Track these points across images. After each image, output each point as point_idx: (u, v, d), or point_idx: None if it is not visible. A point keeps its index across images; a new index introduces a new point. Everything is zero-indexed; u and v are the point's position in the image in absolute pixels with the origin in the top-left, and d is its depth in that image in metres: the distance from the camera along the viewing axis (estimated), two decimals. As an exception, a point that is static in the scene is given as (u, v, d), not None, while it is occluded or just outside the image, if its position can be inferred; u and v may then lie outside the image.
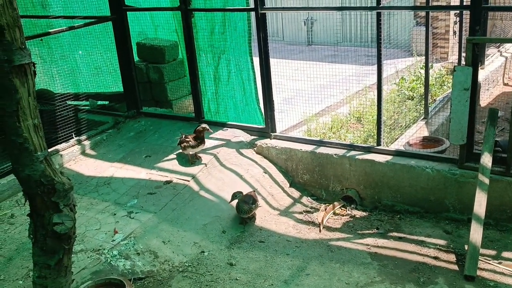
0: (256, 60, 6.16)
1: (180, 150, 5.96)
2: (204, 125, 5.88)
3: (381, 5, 5.30)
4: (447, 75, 10.11)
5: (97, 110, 7.56)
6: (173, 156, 6.10)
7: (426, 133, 6.60)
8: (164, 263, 4.64)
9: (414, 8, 10.51)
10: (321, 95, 8.43)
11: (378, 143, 5.63)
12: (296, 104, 8.16)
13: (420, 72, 9.87)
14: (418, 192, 5.30)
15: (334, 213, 5.52)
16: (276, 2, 13.69)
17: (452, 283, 4.21)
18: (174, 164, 5.95)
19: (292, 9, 11.17)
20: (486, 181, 4.56)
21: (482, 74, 9.02)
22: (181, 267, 4.61)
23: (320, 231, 5.20)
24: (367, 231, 5.16)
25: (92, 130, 6.86)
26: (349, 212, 5.55)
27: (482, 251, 4.47)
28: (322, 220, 5.32)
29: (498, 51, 10.36)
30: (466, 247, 4.68)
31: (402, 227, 5.17)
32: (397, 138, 6.42)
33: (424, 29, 11.65)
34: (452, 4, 11.33)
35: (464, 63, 4.82)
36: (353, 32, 13.70)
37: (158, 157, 6.15)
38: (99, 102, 7.78)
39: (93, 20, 6.97)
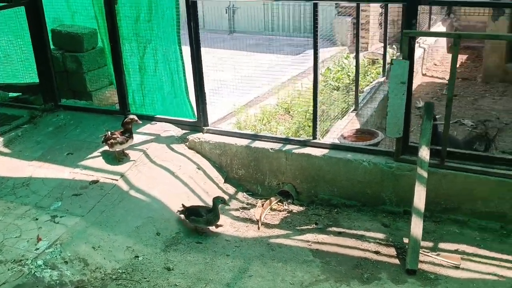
0: (185, 50, 5.86)
1: (106, 148, 5.55)
2: (132, 116, 5.52)
3: (318, -4, 5.16)
4: (369, 65, 10.28)
5: (9, 103, 6.92)
6: (98, 153, 5.68)
7: (357, 125, 6.63)
8: (96, 271, 4.28)
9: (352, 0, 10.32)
10: (248, 85, 8.30)
11: (314, 137, 5.55)
12: (224, 95, 7.96)
13: (344, 62, 9.97)
14: (355, 186, 5.28)
15: (271, 209, 5.40)
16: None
17: (395, 278, 4.21)
18: (100, 162, 5.54)
19: None
20: (425, 174, 4.60)
21: (403, 65, 9.22)
22: (114, 275, 4.28)
23: (258, 228, 5.05)
24: (306, 227, 5.07)
25: (5, 125, 6.25)
26: (286, 207, 5.44)
27: (421, 243, 4.51)
28: (260, 217, 5.17)
29: (417, 42, 10.67)
30: (404, 240, 4.71)
31: (340, 222, 5.13)
32: (328, 130, 6.39)
33: (346, 19, 11.87)
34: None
35: (389, 55, 4.82)
36: (275, 21, 13.63)
37: (81, 154, 5.70)
38: (11, 94, 7.12)
39: (3, 4, 6.31)
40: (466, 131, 7.04)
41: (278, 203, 5.47)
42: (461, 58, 12.16)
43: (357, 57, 7.03)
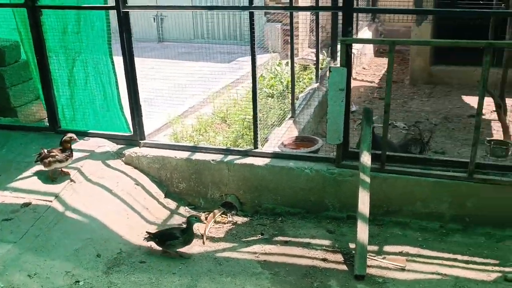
0: (118, 62, 5.65)
1: (41, 167, 5.23)
2: (70, 134, 5.25)
3: (254, 5, 5.12)
4: (301, 71, 10.39)
5: None
6: (29, 173, 5.35)
7: (295, 132, 6.65)
8: (33, 301, 4.01)
9: (288, 8, 10.15)
10: (182, 95, 8.14)
11: (255, 146, 5.50)
12: (158, 105, 7.76)
13: (276, 69, 10.01)
14: (298, 193, 5.28)
15: (215, 222, 5.29)
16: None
17: (344, 285, 4.22)
18: (31, 183, 5.22)
19: (160, 8, 10.61)
20: (368, 179, 4.66)
21: (334, 70, 9.39)
22: (54, 303, 4.02)
23: (203, 243, 4.93)
24: (252, 238, 5.00)
25: None
26: (230, 219, 5.35)
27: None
28: (205, 231, 5.05)
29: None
30: (350, 245, 4.75)
31: (286, 230, 5.10)
32: (267, 139, 6.36)
33: (276, 25, 11.96)
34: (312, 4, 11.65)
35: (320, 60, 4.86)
36: (205, 29, 13.53)
37: (10, 175, 5.35)
38: None
39: None
40: (399, 133, 7.24)
41: (222, 215, 5.37)
42: (387, 61, 12.58)
43: (292, 65, 7.07)
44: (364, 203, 4.54)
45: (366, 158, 4.76)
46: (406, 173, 4.95)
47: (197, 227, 5.14)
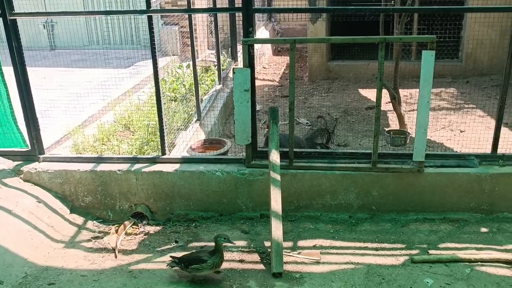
0: (8, 72, 5.29)
1: None
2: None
3: (152, 9, 5.00)
4: (202, 73, 10.33)
5: None
6: None
7: (202, 135, 6.59)
8: None
9: (187, 10, 9.98)
10: (80, 104, 7.79)
11: (163, 153, 5.38)
12: (54, 117, 7.37)
13: (177, 72, 9.88)
14: (210, 197, 5.23)
15: (126, 233, 5.10)
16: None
17: (263, 284, 4.24)
18: None
19: (51, 14, 10.01)
20: (278, 177, 4.72)
21: (236, 71, 9.43)
22: None
23: (116, 257, 4.73)
24: (166, 247, 4.88)
25: None
26: (142, 230, 5.19)
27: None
28: (116, 244, 4.85)
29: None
30: (265, 243, 4.78)
31: (200, 235, 5.04)
32: (174, 144, 6.24)
33: (173, 28, 11.79)
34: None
35: (221, 60, 4.87)
36: (99, 34, 13.05)
37: None
38: None
39: None
40: (303, 129, 7.41)
41: (133, 227, 5.20)
42: (286, 60, 12.88)
43: (194, 67, 6.99)
44: (276, 200, 4.59)
45: (275, 157, 4.82)
46: (313, 168, 5.08)
47: (108, 241, 4.95)
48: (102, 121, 7.72)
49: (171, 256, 4.41)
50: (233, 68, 4.86)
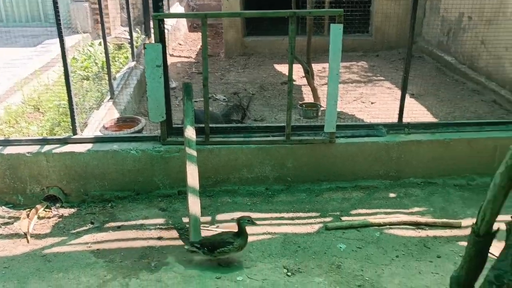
0: None
1: None
2: None
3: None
4: (116, 50, 10.04)
5: None
6: None
7: (116, 114, 6.42)
8: None
9: None
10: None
11: (74, 132, 5.21)
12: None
13: (89, 50, 9.53)
14: (125, 176, 5.15)
15: (39, 217, 4.93)
16: None
17: (182, 259, 4.26)
18: None
19: None
20: (194, 153, 4.72)
21: (150, 48, 9.24)
22: None
23: (28, 241, 4.56)
24: (81, 229, 4.77)
25: None
26: (55, 213, 5.02)
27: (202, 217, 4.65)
28: (28, 229, 4.68)
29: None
30: (184, 219, 4.79)
31: (117, 215, 4.96)
32: (86, 124, 6.05)
33: (84, 4, 11.33)
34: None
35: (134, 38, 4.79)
36: (2, 10, 12.28)
37: None
38: None
39: None
40: (220, 105, 7.42)
41: (46, 210, 5.03)
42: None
43: (105, 44, 6.77)
44: (193, 176, 4.59)
45: (190, 132, 4.81)
46: (229, 143, 5.12)
47: (19, 226, 4.76)
48: (9, 102, 7.34)
49: (189, 242, 4.23)
50: (144, 44, 4.77)
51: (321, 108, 6.34)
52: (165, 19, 4.89)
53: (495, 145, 5.25)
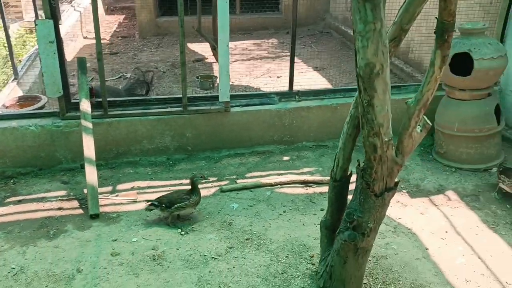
0: None
1: None
2: None
3: None
4: (27, 34, 9.90)
5: None
6: None
7: (20, 94, 6.45)
8: None
9: None
10: None
11: (-28, 111, 5.24)
12: None
13: (-3, 33, 9.36)
14: (27, 152, 5.23)
15: None
16: None
17: (80, 226, 4.44)
18: None
19: None
20: (90, 125, 4.88)
21: (62, 30, 9.19)
22: None
23: None
24: (-19, 205, 4.85)
25: None
26: (-46, 192, 5.06)
27: (100, 190, 4.84)
28: None
29: (72, 6, 10.70)
30: (85, 191, 4.96)
31: (19, 190, 5.05)
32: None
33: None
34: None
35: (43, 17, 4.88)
36: None
37: None
38: None
39: None
40: (124, 81, 7.56)
41: None
42: (119, 18, 12.75)
43: (4, 26, 6.77)
44: (89, 147, 4.77)
45: (85, 106, 4.96)
46: (128, 115, 5.31)
47: None
48: None
49: (147, 200, 4.53)
50: (35, 20, 4.85)
51: (217, 80, 6.62)
52: (75, 1, 4.97)
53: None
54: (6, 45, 8.82)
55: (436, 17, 2.45)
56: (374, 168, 2.97)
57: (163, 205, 4.41)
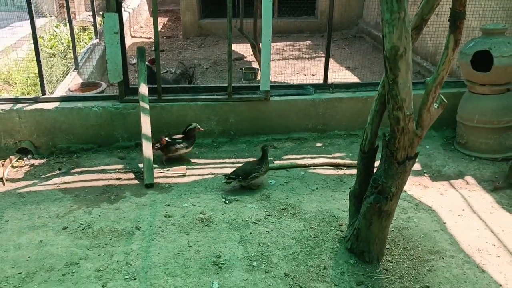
0: None
1: None
2: None
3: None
4: (80, 32, 10.70)
5: None
6: None
7: (80, 81, 7.16)
8: None
9: None
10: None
11: (43, 93, 5.94)
12: None
13: (55, 31, 10.18)
14: (89, 130, 5.91)
15: (13, 167, 5.65)
16: None
17: (137, 193, 5.07)
18: None
19: None
20: (147, 106, 5.53)
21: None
22: None
23: (3, 184, 5.30)
24: (51, 174, 5.51)
25: None
26: (27, 162, 5.76)
27: (154, 165, 5.47)
28: (3, 174, 5.41)
29: (122, 7, 11.48)
30: (140, 165, 5.60)
31: (82, 163, 5.72)
32: (53, 91, 6.77)
33: (49, -11, 11.90)
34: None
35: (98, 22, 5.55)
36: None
37: None
38: None
39: None
40: (175, 74, 8.23)
41: (19, 161, 5.75)
42: (164, 20, 13.51)
43: (69, 19, 7.49)
44: (146, 125, 5.41)
45: (143, 89, 5.61)
46: (179, 101, 5.94)
47: (-5, 172, 5.48)
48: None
49: (224, 175, 5.12)
50: (103, 13, 5.53)
51: (259, 72, 7.19)
52: (125, 3, 5.64)
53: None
54: (62, 41, 9.66)
55: (449, 7, 2.98)
56: (397, 139, 3.48)
57: (240, 177, 5.01)
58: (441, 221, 4.64)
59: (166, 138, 5.60)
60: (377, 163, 3.86)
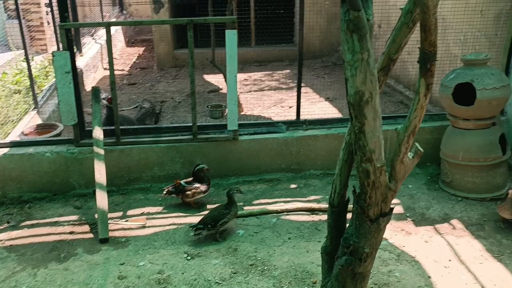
0: None
1: None
2: None
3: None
4: (50, 65, 10.28)
5: None
6: None
7: (39, 122, 6.71)
8: None
9: None
10: None
11: (-9, 138, 5.48)
12: None
13: (22, 65, 9.74)
14: (42, 178, 5.43)
15: (-43, 220, 5.15)
16: None
17: (90, 250, 4.58)
18: None
19: None
20: (101, 152, 5.07)
21: (82, 61, 9.56)
22: None
23: None
24: (-2, 228, 5.03)
25: None
26: (-28, 215, 5.25)
27: (110, 215, 5.00)
28: None
29: (93, 39, 11.10)
30: (96, 216, 5.11)
31: (34, 215, 5.23)
32: (10, 133, 6.32)
33: (18, 22, 11.51)
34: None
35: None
36: None
37: None
38: None
39: None
40: (140, 112, 7.79)
41: (-37, 213, 5.25)
42: (139, 50, 13.14)
43: (26, 57, 7.08)
44: (100, 172, 4.93)
45: (98, 133, 5.15)
46: (140, 143, 5.49)
47: None
48: None
49: (191, 226, 4.71)
50: (52, 52, 5.10)
51: (226, 109, 6.78)
52: (96, 34, 5.22)
53: (385, 137, 5.75)
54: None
55: (418, 47, 2.56)
56: (368, 194, 3.04)
57: (209, 225, 4.63)
58: (426, 274, 4.18)
59: (181, 181, 5.19)
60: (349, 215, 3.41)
